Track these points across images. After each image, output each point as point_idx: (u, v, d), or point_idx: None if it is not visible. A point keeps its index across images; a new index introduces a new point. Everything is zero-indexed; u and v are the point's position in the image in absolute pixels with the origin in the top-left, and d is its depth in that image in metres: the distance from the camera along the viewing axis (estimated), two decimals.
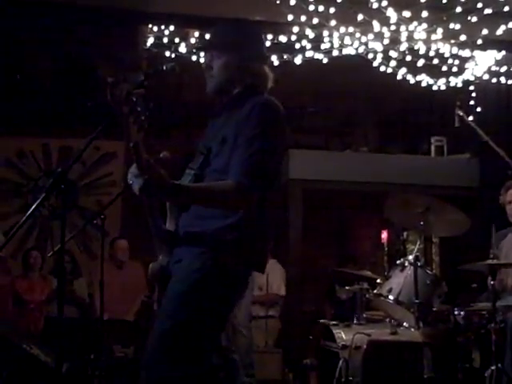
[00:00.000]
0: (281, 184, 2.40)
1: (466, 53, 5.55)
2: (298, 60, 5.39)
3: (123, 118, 2.02)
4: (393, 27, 5.09)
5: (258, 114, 2.24)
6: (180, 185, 2.21)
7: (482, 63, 5.84)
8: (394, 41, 5.24)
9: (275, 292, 6.10)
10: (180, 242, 2.29)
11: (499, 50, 5.71)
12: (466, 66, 5.80)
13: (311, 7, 4.90)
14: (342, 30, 5.10)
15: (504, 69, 5.84)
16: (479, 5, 4.98)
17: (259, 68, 2.40)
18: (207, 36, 2.66)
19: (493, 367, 3.72)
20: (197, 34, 5.44)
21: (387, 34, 5.14)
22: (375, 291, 4.30)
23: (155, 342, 2.20)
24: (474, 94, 6.09)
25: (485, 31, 5.17)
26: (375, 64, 5.53)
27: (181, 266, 2.25)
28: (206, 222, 2.24)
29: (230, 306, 2.32)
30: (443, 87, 5.91)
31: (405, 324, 4.20)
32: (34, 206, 2.16)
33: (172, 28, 5.38)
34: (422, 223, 4.25)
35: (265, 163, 2.21)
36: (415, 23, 5.08)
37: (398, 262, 4.29)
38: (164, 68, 2.25)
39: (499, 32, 5.18)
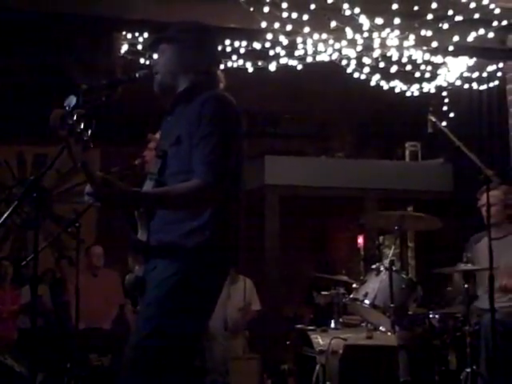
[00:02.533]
0: (246, 184, 2.37)
1: (438, 59, 5.62)
2: (272, 67, 5.41)
3: (63, 141, 2.04)
4: (366, 34, 5.13)
5: (210, 109, 2.22)
6: (140, 192, 2.20)
7: (454, 69, 5.91)
8: (367, 47, 5.28)
9: (254, 309, 6.03)
10: (152, 250, 2.28)
11: (471, 57, 5.79)
12: (439, 72, 5.87)
13: (285, 14, 4.92)
14: (316, 36, 5.13)
15: (476, 75, 5.92)
16: (450, 12, 5.04)
17: (208, 67, 2.38)
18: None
19: (468, 369, 3.77)
20: None
21: (360, 41, 5.19)
22: (351, 296, 4.32)
23: (132, 349, 2.19)
24: (446, 100, 6.17)
25: (456, 38, 5.24)
26: (349, 70, 5.57)
27: (155, 274, 2.24)
28: (172, 227, 2.23)
29: (207, 312, 2.31)
30: (416, 93, 5.98)
31: (381, 328, 4.23)
32: (5, 215, 2.15)
33: (146, 35, 5.37)
34: (396, 227, 4.31)
35: (225, 157, 2.20)
36: (388, 30, 5.13)
37: (373, 266, 4.33)
38: (137, 75, 2.25)
39: (470, 39, 5.26)
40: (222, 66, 2.52)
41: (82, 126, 2.04)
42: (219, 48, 2.62)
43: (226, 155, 2.20)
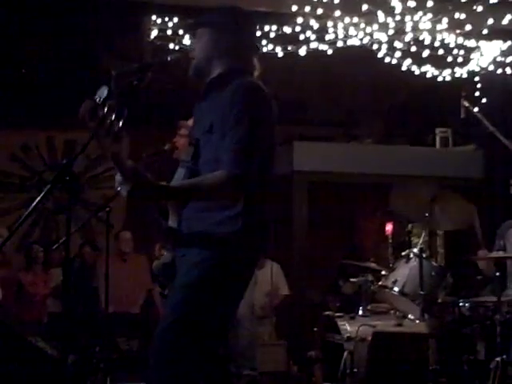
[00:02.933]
0: (277, 171, 2.35)
1: (471, 43, 5.51)
2: (302, 51, 5.35)
3: (91, 133, 2.04)
4: (397, 17, 5.05)
5: (241, 97, 2.19)
6: (167, 186, 2.19)
7: (488, 53, 5.79)
8: (399, 31, 5.20)
9: (284, 293, 6.07)
10: (182, 238, 2.28)
11: (505, 40, 5.67)
12: (472, 56, 5.76)
13: None
14: (347, 20, 5.07)
15: (510, 59, 5.80)
16: None
17: (244, 54, 2.35)
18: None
19: (498, 359, 3.72)
20: None
21: (392, 25, 5.11)
22: (380, 283, 4.29)
23: (163, 333, 2.20)
24: (479, 85, 6.05)
25: (490, 21, 5.13)
26: (380, 55, 5.50)
27: (185, 261, 2.25)
28: (205, 215, 2.23)
29: (236, 297, 2.31)
30: (448, 78, 5.88)
31: (410, 316, 4.19)
32: (37, 199, 2.15)
33: (176, 20, 5.35)
34: (426, 214, 4.24)
35: (253, 148, 2.17)
36: (420, 13, 5.04)
37: (403, 253, 4.28)
38: (169, 59, 2.24)
39: (505, 22, 5.14)
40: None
41: (113, 117, 2.03)
42: (257, 34, 2.57)
43: (254, 145, 2.18)
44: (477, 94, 6.00)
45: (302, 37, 5.27)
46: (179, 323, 2.17)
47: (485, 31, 5.21)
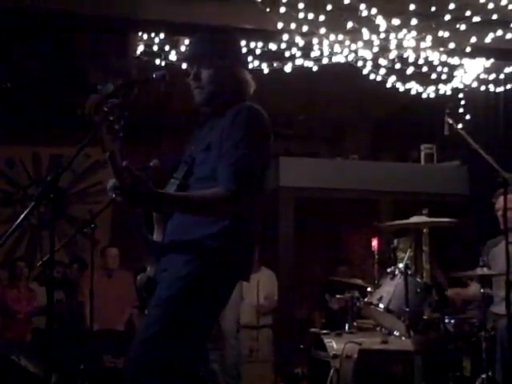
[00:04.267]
0: (267, 190, 2.39)
1: (454, 60, 5.57)
2: (288, 68, 5.39)
3: (95, 127, 2.03)
4: (382, 35, 5.10)
5: (242, 119, 2.25)
6: (165, 193, 2.20)
7: (471, 71, 5.86)
8: (384, 49, 5.25)
9: (273, 299, 6.21)
10: (166, 251, 2.28)
11: (488, 58, 5.73)
12: (455, 73, 5.82)
13: (301, 15, 4.90)
14: (332, 37, 5.10)
15: (492, 76, 5.86)
16: (468, 13, 5.00)
17: (243, 73, 2.42)
18: (189, 47, 2.67)
19: (483, 375, 3.73)
20: (187, 41, 5.44)
21: (376, 42, 5.15)
22: (366, 299, 4.29)
23: (137, 348, 2.18)
24: (463, 102, 6.11)
25: (473, 39, 5.19)
26: (365, 72, 5.54)
27: (166, 275, 2.24)
28: (191, 230, 2.24)
29: (215, 314, 2.31)
30: (432, 95, 5.93)
31: (395, 332, 4.19)
32: (22, 216, 2.14)
33: (162, 36, 5.37)
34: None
35: (251, 168, 2.22)
36: (404, 31, 5.09)
37: (388, 270, 4.29)
38: (154, 76, 2.25)
39: (488, 40, 5.20)
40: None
41: (115, 116, 2.04)
42: (242, 49, 2.63)
43: (252, 165, 2.22)
44: (461, 110, 6.06)
45: (287, 54, 5.30)
46: (159, 338, 2.15)
47: (468, 49, 5.27)
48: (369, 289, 4.35)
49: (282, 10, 4.86)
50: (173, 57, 5.42)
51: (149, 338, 2.16)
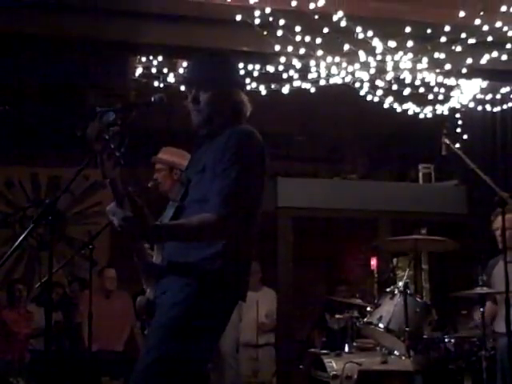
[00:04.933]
0: (261, 212, 2.38)
1: (451, 81, 5.61)
2: (285, 89, 5.43)
3: (96, 155, 2.06)
4: (379, 57, 5.14)
5: (234, 143, 2.26)
6: (159, 225, 2.21)
7: (468, 91, 5.91)
8: (380, 70, 5.29)
9: (274, 317, 6.27)
10: (165, 274, 2.28)
11: (484, 79, 5.79)
12: (452, 94, 5.87)
13: (298, 37, 4.95)
14: (329, 59, 5.15)
15: (489, 97, 5.91)
16: (463, 35, 5.05)
17: (240, 96, 2.43)
18: (187, 70, 2.71)
19: None
20: (185, 64, 5.49)
21: (373, 64, 5.20)
22: (365, 319, 4.29)
23: (138, 375, 2.17)
24: (460, 122, 6.15)
25: (469, 60, 5.24)
26: (362, 93, 5.58)
27: (165, 298, 2.24)
28: (189, 252, 2.25)
29: (214, 338, 2.31)
30: (430, 115, 5.97)
31: (395, 352, 4.18)
32: (21, 237, 2.16)
33: (160, 58, 5.42)
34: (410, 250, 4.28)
35: (242, 192, 2.22)
36: (401, 53, 5.14)
37: (387, 289, 4.29)
38: (152, 99, 2.27)
39: (483, 61, 5.25)
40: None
41: (115, 143, 2.06)
42: (239, 71, 2.66)
43: (243, 190, 2.22)
44: (458, 130, 6.10)
45: (285, 75, 5.34)
46: (160, 361, 2.15)
47: (464, 70, 5.32)
48: (368, 308, 4.35)
49: (279, 32, 4.91)
50: (171, 79, 5.47)
51: (150, 363, 2.16)
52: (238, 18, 4.79)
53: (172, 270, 2.26)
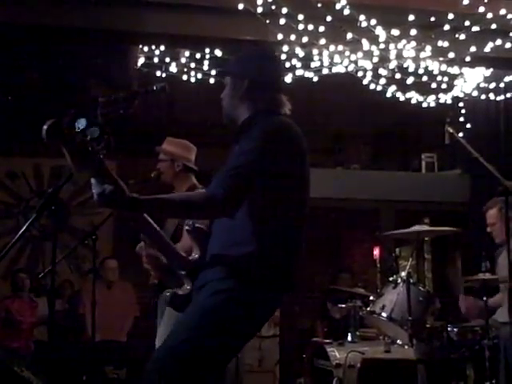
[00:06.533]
0: (308, 204, 2.40)
1: (454, 70, 5.59)
2: (288, 78, 5.41)
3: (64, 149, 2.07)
4: (382, 45, 5.12)
5: (258, 131, 2.24)
6: (138, 198, 2.15)
7: (471, 80, 5.88)
8: (383, 59, 5.27)
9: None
10: (204, 268, 2.27)
11: (487, 67, 5.76)
12: (455, 82, 5.84)
13: (301, 26, 4.93)
14: (332, 48, 5.12)
15: (492, 85, 5.89)
16: (467, 23, 5.02)
17: (269, 95, 2.40)
18: (229, 64, 2.71)
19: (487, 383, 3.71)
20: (187, 53, 5.46)
21: (376, 53, 5.17)
22: (368, 308, 4.29)
23: (166, 353, 2.15)
24: (463, 111, 6.13)
25: (473, 48, 5.21)
26: (365, 82, 5.56)
27: (203, 291, 2.23)
28: (230, 248, 2.22)
29: (248, 334, 2.28)
30: (433, 104, 5.95)
31: (398, 341, 4.19)
32: (24, 227, 2.15)
33: (163, 48, 5.40)
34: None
35: (244, 179, 2.18)
36: (404, 41, 5.11)
37: (390, 279, 4.29)
38: (154, 88, 2.26)
39: (487, 49, 5.22)
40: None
41: (98, 144, 2.05)
42: (280, 73, 2.64)
43: (247, 177, 2.18)
44: (461, 119, 6.08)
45: (287, 64, 5.32)
46: (187, 344, 2.12)
47: (467, 58, 5.29)
48: (371, 298, 4.34)
49: (282, 21, 4.88)
50: (173, 68, 5.45)
51: (177, 343, 2.14)
52: (241, 6, 4.77)
53: (211, 265, 2.25)
